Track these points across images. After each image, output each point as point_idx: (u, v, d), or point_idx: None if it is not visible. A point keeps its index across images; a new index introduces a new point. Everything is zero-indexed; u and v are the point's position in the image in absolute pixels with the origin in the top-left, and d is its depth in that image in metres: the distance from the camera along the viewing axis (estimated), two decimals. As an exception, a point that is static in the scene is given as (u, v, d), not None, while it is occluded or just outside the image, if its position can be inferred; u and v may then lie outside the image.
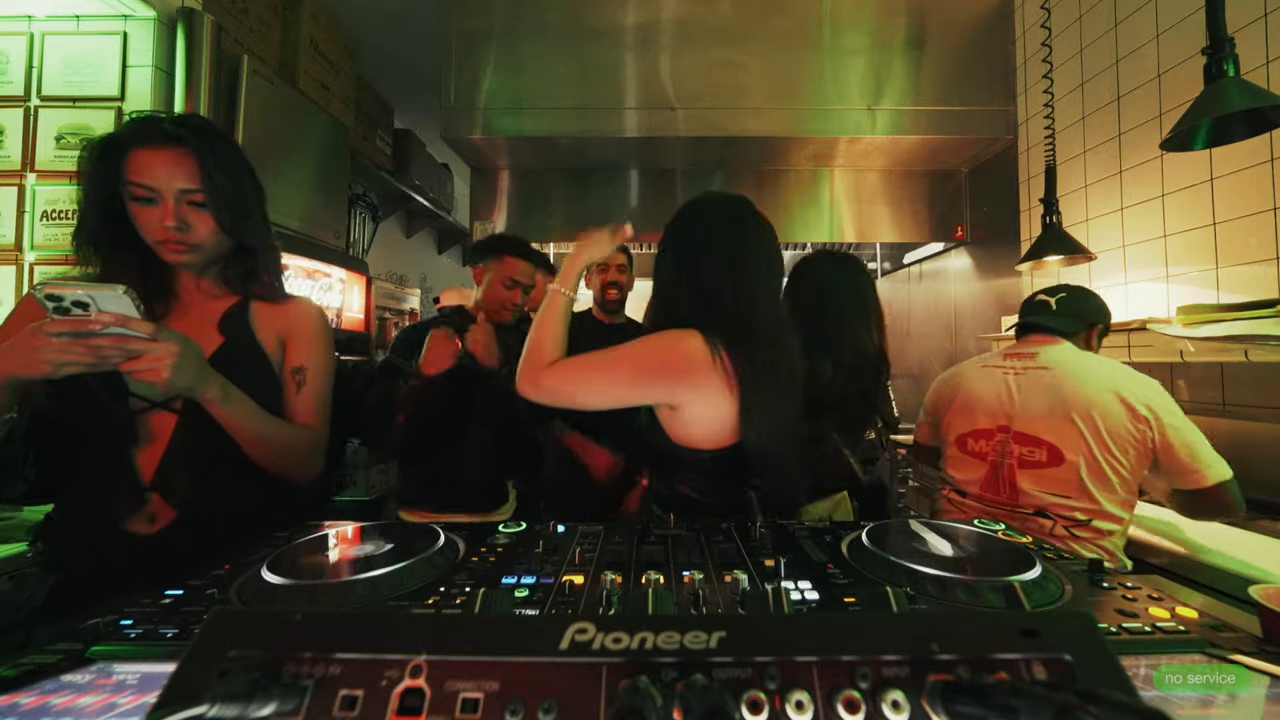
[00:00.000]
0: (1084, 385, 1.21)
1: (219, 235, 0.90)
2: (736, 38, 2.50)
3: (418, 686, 0.31)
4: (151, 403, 0.86)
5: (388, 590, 0.61)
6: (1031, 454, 1.24)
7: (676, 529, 0.81)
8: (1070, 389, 1.22)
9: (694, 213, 1.07)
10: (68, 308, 0.70)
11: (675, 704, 0.30)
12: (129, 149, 0.83)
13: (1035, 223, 2.06)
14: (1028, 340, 1.37)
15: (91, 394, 0.82)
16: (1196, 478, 1.14)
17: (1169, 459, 1.15)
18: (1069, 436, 1.20)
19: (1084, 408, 1.19)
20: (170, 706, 0.29)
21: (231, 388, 0.85)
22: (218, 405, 0.83)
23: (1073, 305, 1.37)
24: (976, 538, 0.75)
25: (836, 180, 2.93)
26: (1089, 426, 1.18)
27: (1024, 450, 1.25)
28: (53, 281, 0.71)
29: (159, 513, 0.86)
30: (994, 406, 1.32)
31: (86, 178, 0.85)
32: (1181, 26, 1.78)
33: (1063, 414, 1.21)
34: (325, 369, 1.04)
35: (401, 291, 3.54)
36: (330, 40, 2.46)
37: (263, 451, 0.91)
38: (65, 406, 0.82)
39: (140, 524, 0.85)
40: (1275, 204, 1.51)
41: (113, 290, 0.71)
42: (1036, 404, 1.25)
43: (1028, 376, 1.29)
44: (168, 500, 0.86)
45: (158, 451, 0.86)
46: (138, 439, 0.86)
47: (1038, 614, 0.54)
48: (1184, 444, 1.14)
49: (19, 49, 1.64)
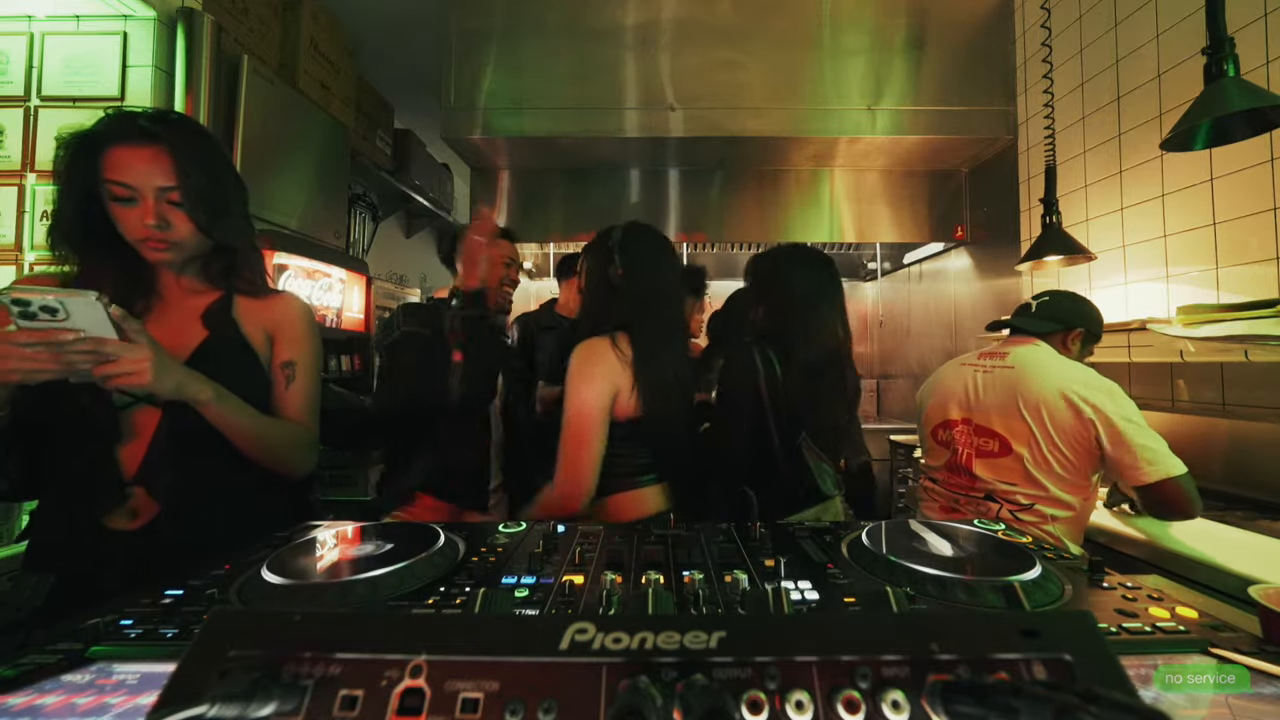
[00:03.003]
0: (1036, 384, 1.31)
1: (199, 232, 0.89)
2: (736, 37, 2.50)
3: (418, 686, 0.31)
4: (135, 398, 0.85)
5: (388, 590, 0.61)
6: (986, 444, 1.37)
7: (676, 529, 0.81)
8: (1024, 387, 1.33)
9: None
10: (34, 313, 0.67)
11: (675, 704, 0.30)
12: (105, 146, 0.82)
13: (1035, 223, 2.06)
14: (1007, 340, 1.47)
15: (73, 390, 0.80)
16: (1138, 473, 1.21)
17: (1115, 456, 1.23)
18: (1018, 430, 1.32)
19: (1034, 404, 1.30)
20: (170, 706, 0.29)
21: (221, 388, 0.84)
22: (212, 405, 0.83)
23: (1051, 308, 1.46)
24: (976, 538, 0.75)
25: (836, 180, 2.93)
26: (1036, 422, 1.29)
27: (980, 441, 1.38)
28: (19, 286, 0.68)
29: (141, 508, 0.85)
30: (960, 400, 1.45)
31: (63, 175, 0.83)
32: (1181, 26, 1.78)
33: (1014, 410, 1.33)
34: (314, 364, 1.03)
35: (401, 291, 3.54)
36: (330, 40, 2.46)
37: (255, 449, 0.90)
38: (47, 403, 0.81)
39: (121, 519, 0.84)
40: (1275, 204, 1.51)
41: (84, 297, 0.68)
42: (993, 399, 1.38)
43: (993, 375, 1.41)
44: (152, 495, 0.85)
45: (141, 446, 0.85)
46: (121, 434, 0.85)
47: (1038, 614, 0.54)
48: (1130, 444, 1.21)
49: (19, 49, 1.64)
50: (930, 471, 1.53)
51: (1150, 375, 1.89)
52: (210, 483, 0.89)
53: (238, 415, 0.87)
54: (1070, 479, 1.29)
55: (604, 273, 1.23)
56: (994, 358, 1.44)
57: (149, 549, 0.82)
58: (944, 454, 1.47)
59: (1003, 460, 1.34)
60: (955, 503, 1.44)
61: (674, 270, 1.28)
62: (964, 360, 1.52)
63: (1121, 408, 1.24)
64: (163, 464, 0.85)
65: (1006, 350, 1.42)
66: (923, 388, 1.63)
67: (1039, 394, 1.30)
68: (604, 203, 2.93)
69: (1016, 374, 1.35)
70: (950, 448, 1.45)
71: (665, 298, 1.23)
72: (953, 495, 1.44)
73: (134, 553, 0.82)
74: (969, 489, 1.40)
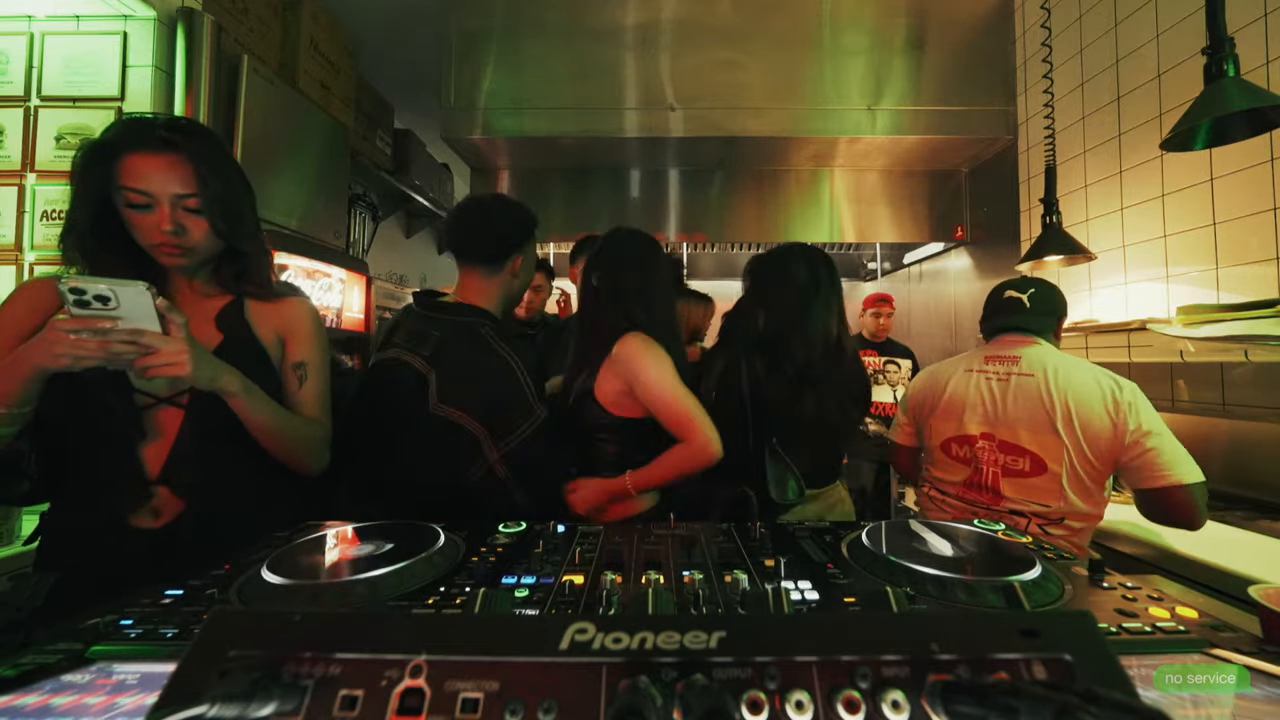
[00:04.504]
0: (1066, 393, 1.20)
1: (213, 238, 0.91)
2: (736, 37, 2.50)
3: (418, 686, 0.31)
4: (157, 398, 0.87)
5: (388, 590, 0.61)
6: (1015, 463, 1.25)
7: (677, 529, 0.81)
8: (1054, 398, 1.21)
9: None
10: (89, 300, 0.72)
11: (675, 704, 0.30)
12: (122, 153, 0.83)
13: (1035, 223, 2.06)
14: (1002, 341, 1.36)
15: (96, 390, 0.82)
16: (1160, 477, 1.12)
17: (1139, 458, 1.14)
18: (1052, 446, 1.20)
19: (1067, 417, 1.19)
20: (170, 706, 0.29)
21: (247, 380, 0.87)
22: (240, 398, 0.85)
23: (1045, 301, 1.35)
24: (976, 538, 0.75)
25: (836, 180, 2.93)
26: (1070, 436, 1.19)
27: (1008, 459, 1.26)
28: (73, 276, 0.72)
29: (164, 507, 0.86)
30: (978, 414, 1.32)
31: (78, 180, 0.85)
32: (1181, 26, 1.78)
33: (1046, 424, 1.21)
34: (324, 364, 1.06)
35: (401, 291, 3.54)
36: (330, 40, 2.45)
37: (277, 444, 0.92)
38: (69, 403, 0.83)
39: (145, 519, 0.85)
40: (1275, 204, 1.51)
41: (135, 286, 0.72)
42: (1020, 413, 1.25)
43: (1012, 384, 1.29)
44: (176, 494, 0.87)
45: (165, 446, 0.87)
46: (145, 434, 0.86)
47: (1038, 614, 0.54)
48: (1157, 446, 1.13)
49: (19, 49, 1.64)
50: (939, 484, 1.42)
51: (1150, 375, 1.89)
52: (232, 481, 0.92)
53: (262, 408, 0.89)
54: (1095, 489, 1.21)
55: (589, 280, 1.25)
56: (1005, 363, 1.32)
57: (172, 547, 0.84)
58: (961, 470, 1.36)
59: (1034, 480, 1.23)
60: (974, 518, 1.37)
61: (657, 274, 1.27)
62: (970, 365, 1.39)
63: (1149, 408, 1.16)
64: (187, 463, 0.88)
65: (1016, 354, 1.31)
66: (916, 394, 1.52)
67: (1072, 405, 1.19)
68: (604, 203, 2.93)
69: (1039, 382, 1.24)
70: (971, 465, 1.33)
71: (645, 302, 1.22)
72: (971, 511, 1.32)
73: (157, 551, 0.84)
74: (992, 506, 1.29)
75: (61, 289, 0.71)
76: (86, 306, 0.72)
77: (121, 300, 0.73)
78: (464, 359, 1.09)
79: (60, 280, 0.71)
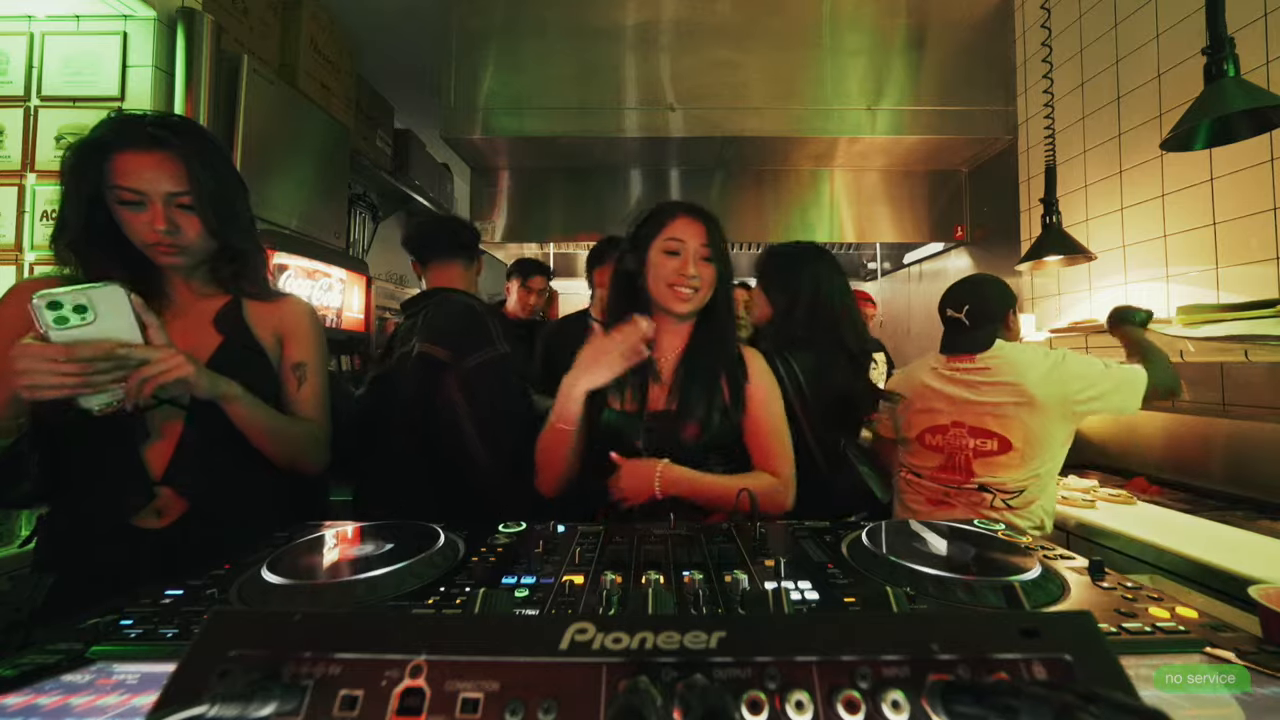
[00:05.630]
0: (1022, 378, 1.37)
1: (208, 236, 0.90)
2: (736, 37, 2.50)
3: (418, 686, 0.31)
4: (159, 400, 0.86)
5: (388, 590, 0.61)
6: (984, 445, 1.42)
7: (677, 529, 0.81)
8: (1010, 383, 1.39)
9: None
10: (67, 315, 0.69)
11: (675, 704, 0.30)
12: (112, 152, 0.82)
13: (1035, 223, 2.06)
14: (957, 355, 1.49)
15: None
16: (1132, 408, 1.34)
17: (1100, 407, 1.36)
18: (1016, 426, 1.38)
19: (1026, 399, 1.36)
20: (170, 706, 0.29)
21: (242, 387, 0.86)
22: (239, 404, 0.85)
23: (983, 314, 1.46)
24: (976, 538, 0.75)
25: (836, 180, 2.93)
26: (1029, 414, 1.37)
27: (978, 442, 1.43)
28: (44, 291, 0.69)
29: (167, 507, 0.86)
30: (950, 406, 1.48)
31: (69, 180, 0.83)
32: (1181, 26, 1.78)
33: (1009, 407, 1.39)
34: (323, 364, 1.06)
35: (401, 291, 3.54)
36: (330, 40, 2.45)
37: (275, 447, 0.92)
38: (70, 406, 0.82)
39: (149, 519, 0.85)
40: (1275, 204, 1.51)
41: (108, 288, 0.70)
42: (986, 402, 1.42)
43: (975, 378, 1.45)
44: (180, 494, 0.87)
45: (168, 446, 0.87)
46: (147, 435, 0.86)
47: (1038, 614, 0.54)
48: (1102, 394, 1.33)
49: (19, 49, 1.64)
50: (915, 469, 1.56)
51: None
52: (235, 481, 0.91)
53: (259, 413, 0.89)
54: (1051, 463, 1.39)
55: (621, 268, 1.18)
56: (965, 364, 1.47)
57: (175, 547, 0.84)
58: (936, 457, 1.50)
59: (1000, 458, 1.39)
60: (945, 495, 1.47)
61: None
62: (934, 365, 1.53)
63: (1085, 364, 1.36)
64: (191, 464, 0.87)
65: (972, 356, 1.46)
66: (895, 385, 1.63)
67: (1029, 385, 1.36)
68: (604, 203, 2.93)
69: (997, 374, 1.41)
70: (944, 451, 1.48)
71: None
72: (943, 489, 1.48)
73: (161, 551, 0.84)
74: (962, 483, 1.45)
75: (36, 305, 0.68)
76: (64, 322, 0.69)
77: (98, 304, 0.70)
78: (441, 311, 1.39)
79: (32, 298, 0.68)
